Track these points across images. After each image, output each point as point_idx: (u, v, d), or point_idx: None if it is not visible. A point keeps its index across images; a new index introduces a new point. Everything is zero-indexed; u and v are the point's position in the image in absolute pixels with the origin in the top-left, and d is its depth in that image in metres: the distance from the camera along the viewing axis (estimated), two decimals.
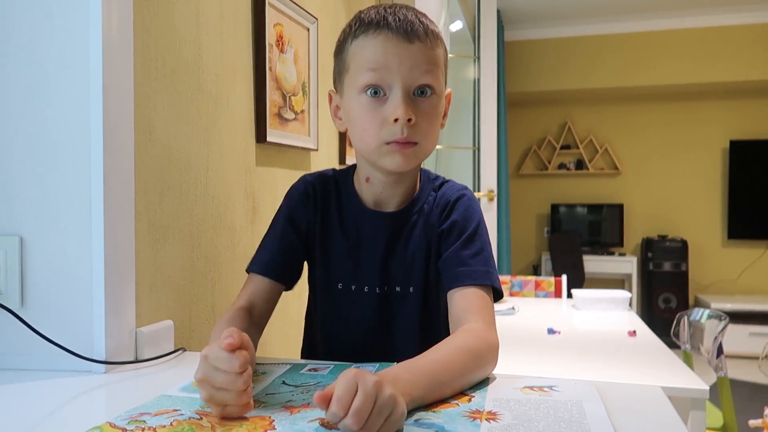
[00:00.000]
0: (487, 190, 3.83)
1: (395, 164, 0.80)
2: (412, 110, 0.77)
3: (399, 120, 0.76)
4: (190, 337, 1.00)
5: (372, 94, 0.78)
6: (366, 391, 0.52)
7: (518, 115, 5.48)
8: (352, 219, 0.89)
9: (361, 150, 0.84)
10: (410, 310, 0.87)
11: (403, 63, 0.77)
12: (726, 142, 5.13)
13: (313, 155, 1.55)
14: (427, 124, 0.80)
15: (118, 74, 0.83)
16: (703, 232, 5.22)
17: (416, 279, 0.87)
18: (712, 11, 4.70)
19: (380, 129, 0.78)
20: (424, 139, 0.80)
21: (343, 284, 0.88)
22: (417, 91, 0.79)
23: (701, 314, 2.17)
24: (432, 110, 0.80)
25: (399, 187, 0.87)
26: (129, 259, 0.85)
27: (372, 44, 0.78)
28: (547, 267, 5.27)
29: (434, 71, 0.79)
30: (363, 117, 0.80)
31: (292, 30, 1.40)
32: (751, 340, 4.46)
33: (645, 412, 0.65)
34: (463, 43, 4.05)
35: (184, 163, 1.00)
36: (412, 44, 0.77)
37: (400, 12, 0.79)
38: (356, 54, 0.80)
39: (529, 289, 2.69)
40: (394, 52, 0.77)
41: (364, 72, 0.78)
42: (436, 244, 0.88)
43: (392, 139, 0.78)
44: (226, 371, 0.58)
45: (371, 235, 0.88)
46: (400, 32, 0.77)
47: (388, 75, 0.77)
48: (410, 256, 0.87)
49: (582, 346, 1.78)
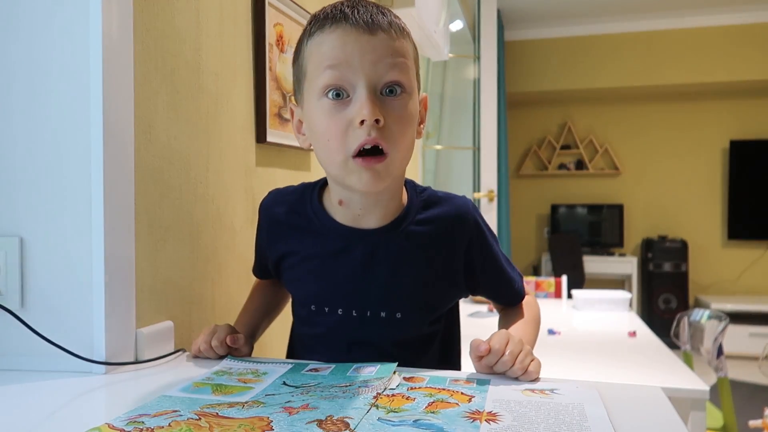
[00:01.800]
0: (487, 191, 3.83)
1: (362, 183, 0.71)
2: (379, 110, 0.68)
3: (365, 121, 0.67)
4: (190, 338, 1.00)
5: (333, 96, 0.69)
6: (515, 341, 0.73)
7: (518, 115, 5.48)
8: (323, 238, 0.80)
9: (327, 167, 0.75)
10: (392, 335, 0.81)
11: (365, 57, 0.68)
12: (726, 142, 5.13)
13: (313, 155, 1.55)
14: (398, 128, 0.70)
15: (118, 74, 0.83)
16: (703, 233, 5.22)
17: (403, 305, 0.80)
18: (712, 11, 4.70)
19: (345, 136, 0.69)
20: (394, 147, 0.70)
21: (316, 306, 0.82)
22: (385, 90, 0.69)
23: (701, 315, 2.17)
24: (403, 111, 0.71)
25: (379, 207, 0.78)
26: (129, 259, 0.85)
27: (329, 39, 0.69)
28: (547, 267, 5.27)
29: (402, 66, 0.70)
30: (324, 124, 0.70)
31: (293, 30, 1.40)
32: (751, 341, 4.46)
33: (645, 413, 0.64)
34: (463, 43, 4.05)
35: (184, 163, 1.00)
36: (375, 36, 0.68)
37: (360, 4, 0.70)
38: (312, 53, 0.71)
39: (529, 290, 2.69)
40: (354, 46, 0.68)
41: (322, 71, 0.69)
42: (445, 263, 0.81)
43: (359, 145, 0.68)
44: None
45: (344, 254, 0.79)
46: (359, 24, 0.68)
47: (350, 72, 0.68)
48: (395, 279, 0.79)
49: (582, 346, 1.78)
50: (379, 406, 0.63)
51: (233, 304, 1.15)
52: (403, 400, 0.65)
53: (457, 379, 0.73)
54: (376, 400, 0.65)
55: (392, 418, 0.60)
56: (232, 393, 0.69)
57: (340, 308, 0.80)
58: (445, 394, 0.67)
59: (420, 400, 0.65)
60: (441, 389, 0.69)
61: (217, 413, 0.61)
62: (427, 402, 0.65)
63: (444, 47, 2.81)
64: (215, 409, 0.62)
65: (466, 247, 0.82)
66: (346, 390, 0.68)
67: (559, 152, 5.48)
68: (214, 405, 0.64)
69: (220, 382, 0.73)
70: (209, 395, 0.68)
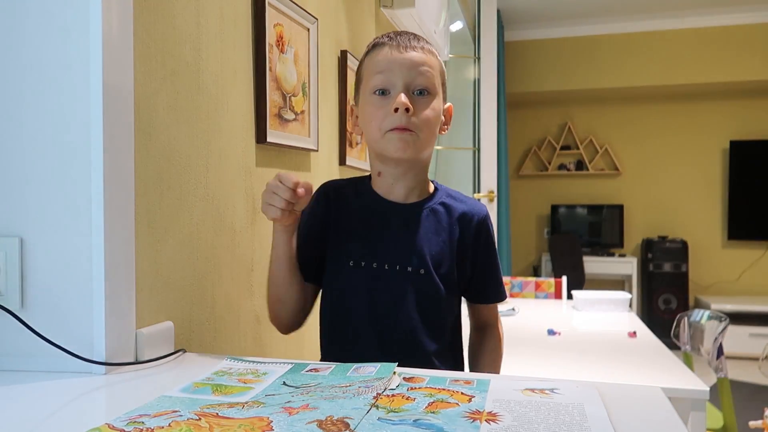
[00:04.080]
0: (487, 191, 3.84)
1: (395, 148, 0.94)
2: (410, 103, 0.93)
3: (399, 108, 0.92)
4: (190, 338, 1.00)
5: (380, 93, 0.95)
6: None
7: (518, 116, 5.48)
8: (366, 207, 1.01)
9: (370, 141, 0.99)
10: (416, 287, 0.97)
11: (402, 66, 0.94)
12: (726, 142, 5.13)
13: (313, 156, 1.55)
14: (424, 119, 0.94)
15: (118, 74, 0.83)
16: (703, 233, 5.22)
17: (425, 263, 0.97)
18: (712, 11, 4.70)
19: (384, 119, 0.94)
20: (421, 131, 0.94)
21: (353, 261, 0.98)
22: (416, 92, 0.95)
23: (701, 315, 2.17)
24: (428, 108, 0.95)
25: (407, 180, 1.00)
26: (129, 260, 0.85)
27: (379, 55, 0.97)
28: (547, 268, 5.27)
29: (429, 75, 0.95)
30: (372, 112, 0.96)
31: (292, 30, 1.40)
32: (751, 341, 4.46)
33: (645, 413, 0.64)
34: (463, 43, 4.05)
35: (184, 163, 1.00)
36: (408, 53, 0.95)
37: (402, 33, 0.99)
38: (368, 65, 0.99)
39: (529, 291, 2.69)
40: (395, 59, 0.95)
41: (373, 76, 0.96)
42: (456, 246, 1.00)
43: (393, 126, 0.93)
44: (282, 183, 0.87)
45: (383, 219, 1.00)
46: (400, 45, 0.96)
47: (392, 76, 0.94)
48: (419, 243, 0.98)
49: (582, 347, 1.78)
50: (379, 406, 0.63)
51: (233, 304, 1.15)
52: (403, 400, 0.65)
53: (457, 380, 0.73)
54: (376, 400, 0.65)
55: (392, 418, 0.60)
56: (232, 393, 0.69)
57: (374, 262, 0.97)
58: (445, 394, 0.67)
59: (420, 400, 0.65)
60: (441, 389, 0.69)
61: (217, 413, 0.61)
62: (427, 402, 0.65)
63: (444, 47, 2.81)
64: (215, 409, 0.62)
65: (474, 239, 1.02)
66: (346, 390, 0.68)
67: (559, 152, 5.48)
68: (214, 405, 0.64)
69: (220, 383, 0.73)
70: (209, 395, 0.68)
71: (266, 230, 0.93)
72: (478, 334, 1.11)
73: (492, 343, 1.09)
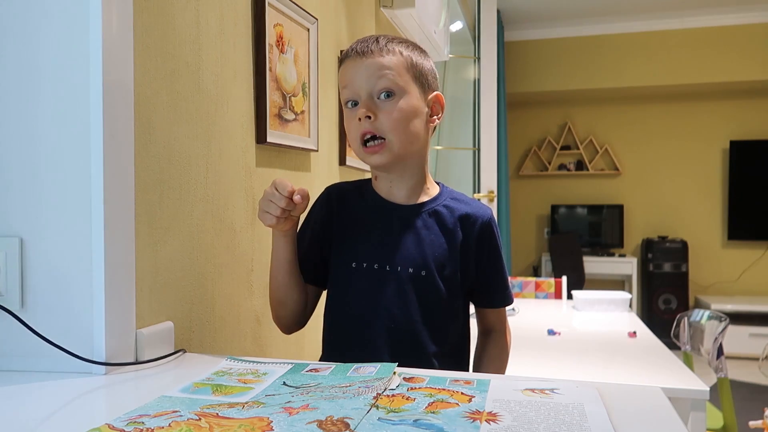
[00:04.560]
0: (487, 191, 3.84)
1: (372, 162, 0.96)
2: (371, 109, 0.93)
3: (361, 118, 0.93)
4: (190, 338, 1.00)
5: (352, 105, 0.96)
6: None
7: (518, 116, 5.48)
8: (369, 209, 1.02)
9: (354, 152, 0.99)
10: (418, 289, 0.97)
11: (362, 76, 0.94)
12: (726, 142, 5.13)
13: (313, 156, 1.55)
14: (391, 121, 0.93)
15: (118, 74, 0.83)
16: (703, 233, 5.22)
17: (426, 265, 0.97)
18: (712, 11, 4.70)
19: (355, 130, 0.95)
20: (391, 133, 0.94)
21: (356, 263, 0.98)
22: (381, 95, 0.94)
23: (701, 315, 2.17)
24: (393, 109, 0.94)
25: (404, 181, 1.00)
26: (129, 260, 0.85)
27: (343, 68, 0.97)
28: (547, 268, 5.27)
29: (390, 76, 0.94)
30: (347, 125, 0.98)
31: (292, 30, 1.40)
32: (751, 341, 4.46)
33: (645, 413, 0.64)
34: (463, 43, 4.06)
35: (184, 163, 1.00)
36: (366, 59, 0.94)
37: (363, 40, 0.97)
38: (339, 79, 0.99)
39: (529, 291, 2.69)
40: (356, 69, 0.95)
41: (342, 90, 0.97)
42: (459, 249, 0.99)
43: (359, 134, 0.94)
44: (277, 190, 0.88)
45: (385, 221, 1.00)
46: (358, 53, 0.95)
47: (355, 86, 0.95)
48: (421, 244, 0.98)
49: (582, 347, 1.78)
50: (379, 406, 0.63)
51: (233, 304, 1.15)
52: (403, 400, 0.65)
53: (457, 380, 0.73)
54: (376, 400, 0.65)
55: (392, 418, 0.60)
56: (232, 393, 0.69)
57: (376, 263, 0.97)
58: (445, 394, 0.67)
59: (420, 400, 0.65)
60: (441, 389, 0.69)
61: (217, 413, 0.61)
62: (427, 402, 0.65)
63: (444, 48, 2.81)
64: (215, 409, 0.62)
65: (477, 242, 1.00)
66: (346, 390, 0.68)
67: (559, 153, 5.48)
68: (214, 405, 0.64)
69: (220, 383, 0.73)
70: (209, 395, 0.68)
71: (266, 230, 0.93)
72: (484, 339, 1.10)
73: (495, 350, 1.08)
